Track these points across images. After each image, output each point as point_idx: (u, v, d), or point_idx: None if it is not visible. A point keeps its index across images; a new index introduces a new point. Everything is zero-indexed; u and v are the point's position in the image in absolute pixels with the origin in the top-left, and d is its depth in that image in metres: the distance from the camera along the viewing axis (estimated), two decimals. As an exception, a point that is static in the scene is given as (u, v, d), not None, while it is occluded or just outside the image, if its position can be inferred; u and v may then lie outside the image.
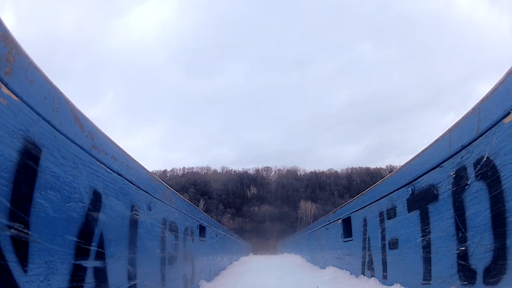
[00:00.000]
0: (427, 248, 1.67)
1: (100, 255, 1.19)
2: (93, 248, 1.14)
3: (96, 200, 1.18)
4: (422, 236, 1.73)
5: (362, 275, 2.79)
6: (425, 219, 1.70)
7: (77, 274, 1.02)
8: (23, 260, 0.80)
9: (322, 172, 65.08)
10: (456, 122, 1.40)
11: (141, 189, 1.63)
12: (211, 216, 4.74)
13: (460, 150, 1.36)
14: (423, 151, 1.72)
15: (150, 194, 1.75)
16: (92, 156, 1.16)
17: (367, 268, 2.70)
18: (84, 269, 1.07)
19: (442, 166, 1.51)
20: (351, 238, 3.18)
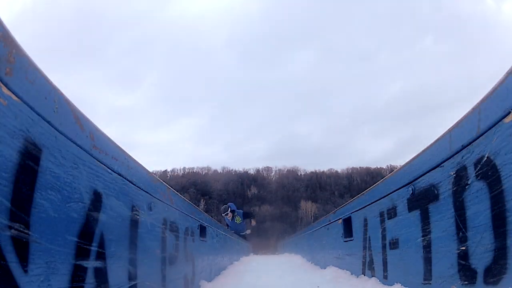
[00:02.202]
0: (427, 248, 1.67)
1: (101, 255, 1.19)
2: (94, 248, 1.14)
3: (96, 200, 1.18)
4: (422, 236, 1.73)
5: (363, 275, 2.79)
6: (425, 219, 1.69)
7: (77, 275, 1.02)
8: (24, 261, 0.80)
9: (323, 172, 65.02)
10: (457, 122, 1.40)
11: (142, 189, 1.63)
12: (211, 216, 4.74)
13: (461, 150, 1.35)
14: (423, 150, 1.72)
15: (150, 194, 1.75)
16: (93, 157, 1.16)
17: (367, 268, 2.70)
18: (84, 269, 1.07)
19: (443, 166, 1.51)
20: (351, 238, 3.18)
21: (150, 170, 1.84)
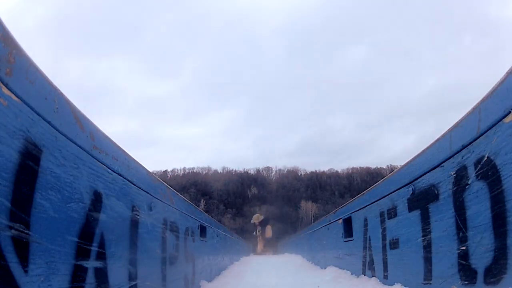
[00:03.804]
0: (427, 248, 1.67)
1: (101, 256, 1.19)
2: (94, 248, 1.14)
3: (96, 201, 1.18)
4: (422, 236, 1.72)
5: (363, 275, 2.79)
6: (425, 219, 1.69)
7: (78, 275, 1.02)
8: (24, 261, 0.80)
9: (323, 172, 65.01)
10: (457, 122, 1.40)
11: (142, 189, 1.63)
12: (211, 216, 4.74)
13: (461, 150, 1.35)
14: (424, 150, 1.72)
15: (150, 195, 1.75)
16: (93, 157, 1.16)
17: (368, 268, 2.70)
18: (85, 270, 1.07)
19: (443, 166, 1.51)
20: (351, 238, 3.18)
21: (150, 170, 1.84)
